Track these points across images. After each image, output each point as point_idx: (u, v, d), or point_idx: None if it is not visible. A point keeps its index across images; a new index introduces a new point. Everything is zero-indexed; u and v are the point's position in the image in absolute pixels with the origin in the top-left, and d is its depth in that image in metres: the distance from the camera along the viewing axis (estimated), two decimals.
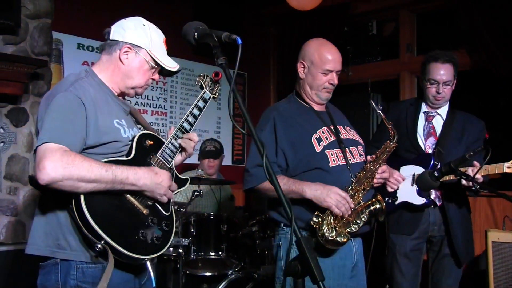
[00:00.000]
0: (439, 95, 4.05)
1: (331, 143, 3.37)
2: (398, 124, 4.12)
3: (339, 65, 3.46)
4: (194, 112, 2.92)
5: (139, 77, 2.78)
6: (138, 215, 2.61)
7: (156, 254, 2.64)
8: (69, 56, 5.97)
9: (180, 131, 2.87)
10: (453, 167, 3.55)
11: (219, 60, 2.27)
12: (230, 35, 2.26)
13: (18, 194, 5.12)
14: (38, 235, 2.57)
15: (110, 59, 2.77)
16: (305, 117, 3.46)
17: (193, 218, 5.04)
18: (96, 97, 2.62)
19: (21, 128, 5.14)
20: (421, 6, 6.77)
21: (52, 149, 2.36)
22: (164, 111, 6.90)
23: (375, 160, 3.35)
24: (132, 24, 2.77)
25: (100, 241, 2.41)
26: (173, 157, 2.85)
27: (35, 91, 5.22)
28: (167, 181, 2.68)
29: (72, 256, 2.52)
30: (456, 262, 4.09)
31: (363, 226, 3.29)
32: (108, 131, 2.61)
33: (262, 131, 3.39)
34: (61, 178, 2.32)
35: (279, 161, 3.36)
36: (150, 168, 2.65)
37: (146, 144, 2.75)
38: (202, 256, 5.03)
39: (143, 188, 2.58)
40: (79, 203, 2.40)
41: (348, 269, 3.36)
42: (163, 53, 2.83)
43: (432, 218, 4.09)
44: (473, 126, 4.17)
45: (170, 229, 2.76)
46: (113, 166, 2.47)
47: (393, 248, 4.18)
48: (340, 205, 3.14)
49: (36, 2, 5.19)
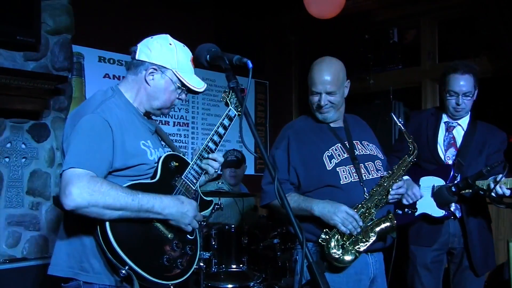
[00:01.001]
0: (459, 106, 4.01)
1: (344, 160, 3.35)
2: (419, 134, 4.10)
3: (328, 85, 3.33)
4: (219, 131, 2.87)
5: (164, 98, 2.75)
6: (163, 240, 2.60)
7: (180, 280, 2.62)
8: (91, 69, 6.02)
9: (205, 151, 2.83)
10: (470, 182, 3.52)
11: (230, 83, 2.28)
12: (242, 59, 2.27)
13: (41, 209, 5.17)
14: (61, 256, 2.58)
15: (135, 79, 2.74)
16: (319, 134, 3.46)
17: (214, 231, 5.05)
18: (123, 118, 2.61)
19: (42, 143, 5.18)
20: (442, 14, 6.72)
21: (79, 174, 2.35)
22: (186, 122, 6.94)
23: (391, 176, 3.33)
24: (159, 44, 2.72)
25: (124, 266, 2.40)
26: (198, 178, 2.82)
27: (56, 106, 5.27)
28: (193, 211, 2.66)
29: (95, 279, 2.51)
30: (475, 273, 4.05)
31: (378, 243, 3.27)
32: (135, 154, 2.59)
33: (277, 150, 3.44)
34: (87, 205, 2.31)
35: (291, 179, 3.38)
36: (176, 197, 2.64)
37: (171, 165, 2.73)
38: (224, 269, 5.04)
39: (168, 217, 2.57)
40: (105, 228, 2.39)
41: (364, 284, 3.34)
42: (191, 72, 2.79)
43: (452, 230, 4.05)
44: (495, 138, 4.12)
45: (194, 253, 2.74)
46: (140, 195, 2.45)
47: (413, 260, 4.15)
48: (346, 223, 3.13)
49: (57, 18, 5.25)
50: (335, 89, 3.35)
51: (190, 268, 2.69)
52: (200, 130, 7.04)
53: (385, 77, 7.14)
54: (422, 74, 6.85)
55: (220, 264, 5.04)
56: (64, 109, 5.29)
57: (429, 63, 6.79)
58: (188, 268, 2.68)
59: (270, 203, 3.39)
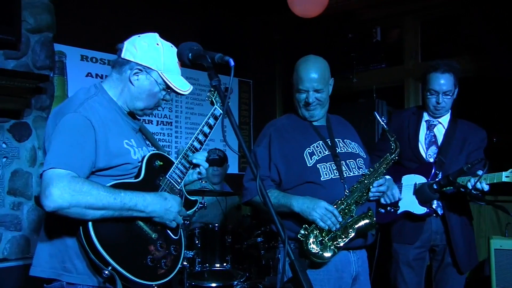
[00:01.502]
0: (439, 105, 4.05)
1: (325, 156, 3.37)
2: (400, 133, 4.13)
3: (315, 83, 3.38)
4: (204, 130, 2.86)
5: (148, 99, 2.71)
6: (147, 240, 2.57)
7: (164, 280, 2.59)
8: (73, 68, 5.96)
9: (190, 151, 2.82)
10: (451, 180, 3.55)
11: (213, 81, 2.27)
12: (223, 57, 2.26)
13: (22, 209, 5.11)
14: (43, 257, 2.54)
15: (120, 78, 2.69)
16: (301, 132, 3.48)
17: (197, 230, 5.05)
18: (106, 117, 2.57)
19: (24, 143, 5.13)
20: (425, 13, 6.77)
21: (59, 175, 2.31)
22: (170, 120, 6.92)
23: (372, 173, 3.36)
24: (145, 43, 2.67)
25: (107, 267, 2.37)
26: (183, 177, 2.79)
27: (38, 105, 5.22)
28: (177, 207, 2.63)
29: (78, 280, 2.48)
30: (458, 271, 4.08)
31: (358, 239, 3.29)
32: (118, 153, 2.56)
33: (258, 147, 3.46)
34: (68, 205, 2.28)
35: (272, 176, 3.40)
36: (159, 194, 2.61)
37: (156, 165, 2.71)
38: (208, 268, 5.03)
39: (152, 214, 2.54)
40: (87, 228, 2.36)
41: (346, 281, 3.35)
42: (177, 73, 2.75)
43: (435, 227, 4.09)
44: (475, 135, 4.15)
45: (179, 253, 2.72)
46: (122, 193, 2.43)
47: (396, 257, 4.19)
48: (325, 218, 3.14)
49: (37, 16, 5.19)
50: (322, 87, 3.39)
51: (174, 268, 2.67)
52: (183, 129, 7.02)
53: (369, 76, 7.18)
54: (405, 73, 6.90)
55: (204, 263, 5.03)
56: (46, 108, 5.24)
57: (412, 62, 6.83)
58: (172, 269, 2.65)
59: (251, 200, 3.41)
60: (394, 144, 3.44)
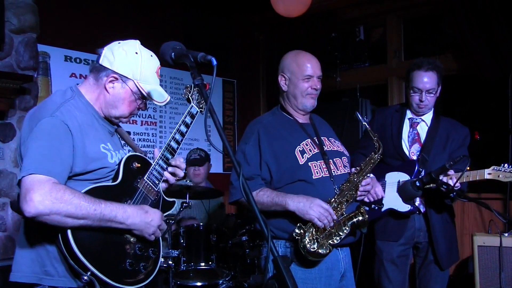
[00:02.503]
0: (422, 103, 4.07)
1: (315, 155, 3.40)
2: (384, 131, 4.17)
3: (318, 70, 3.51)
4: (181, 129, 2.80)
5: (123, 108, 2.69)
6: (125, 243, 2.56)
7: (144, 283, 2.59)
8: (57, 69, 5.97)
9: (167, 151, 2.77)
10: (434, 177, 3.58)
11: (195, 80, 2.29)
12: (206, 56, 2.28)
13: (7, 209, 5.10)
14: (23, 262, 2.52)
15: (96, 84, 2.67)
16: (289, 129, 3.50)
17: (182, 229, 5.05)
18: (83, 121, 2.56)
19: (8, 143, 5.13)
20: (408, 12, 6.80)
21: (40, 181, 2.29)
22: (154, 121, 6.91)
23: (359, 172, 3.40)
24: (124, 51, 2.64)
25: (86, 272, 2.36)
26: (161, 179, 2.77)
27: (22, 106, 5.22)
28: (157, 221, 2.61)
29: (60, 283, 2.47)
30: (440, 267, 4.12)
31: (348, 237, 3.32)
32: (95, 158, 2.54)
33: (246, 144, 3.45)
34: (49, 212, 2.25)
35: (263, 174, 3.41)
36: (140, 207, 2.59)
37: (133, 166, 2.69)
38: (193, 267, 5.04)
39: (131, 227, 2.51)
40: (66, 234, 2.34)
41: (335, 279, 3.39)
42: (155, 83, 2.73)
43: (418, 224, 4.12)
44: (457, 133, 4.18)
45: (157, 256, 2.71)
46: (102, 204, 2.40)
47: (380, 255, 4.21)
48: (322, 217, 3.16)
49: (21, 16, 5.19)
50: (321, 75, 3.53)
51: (153, 271, 2.66)
52: (168, 129, 7.01)
53: (352, 74, 7.20)
54: (389, 71, 6.92)
55: (189, 262, 5.04)
56: (29, 109, 5.16)
57: (395, 60, 6.86)
58: (152, 271, 2.65)
59: (240, 200, 3.40)
60: (377, 143, 3.49)
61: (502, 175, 3.81)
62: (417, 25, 6.89)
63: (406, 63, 6.38)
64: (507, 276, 4.08)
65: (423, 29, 6.78)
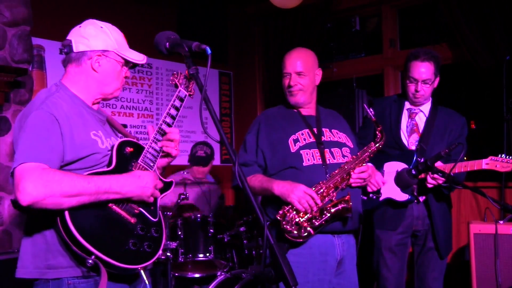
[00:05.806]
0: (418, 93, 4.09)
1: (309, 144, 3.51)
2: (382, 121, 4.16)
3: (297, 66, 3.58)
4: (171, 113, 2.87)
5: (114, 81, 2.76)
6: (126, 224, 2.57)
7: (148, 262, 2.61)
8: (52, 62, 5.93)
9: (159, 134, 2.81)
10: (429, 165, 3.59)
11: (190, 70, 2.30)
12: (200, 45, 2.29)
13: (3, 203, 5.09)
14: (26, 258, 2.54)
15: (80, 71, 2.70)
16: (289, 120, 3.64)
17: (180, 221, 5.05)
18: (70, 111, 2.58)
19: (3, 137, 5.10)
20: (403, 1, 6.79)
21: (30, 168, 2.31)
22: (150, 113, 6.91)
23: (354, 160, 3.44)
24: (92, 29, 2.73)
25: (90, 256, 2.38)
26: (155, 161, 2.79)
27: (17, 99, 5.19)
28: (152, 181, 2.64)
29: (63, 274, 2.49)
30: (439, 255, 4.16)
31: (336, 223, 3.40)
32: (85, 144, 2.56)
33: (248, 134, 3.67)
34: (43, 196, 2.27)
35: (259, 161, 3.58)
36: (131, 173, 2.61)
37: (126, 151, 2.71)
38: (191, 258, 5.04)
39: (128, 194, 2.54)
40: (65, 220, 2.36)
41: (330, 265, 3.44)
42: (127, 47, 2.82)
43: (416, 213, 4.14)
44: (455, 123, 4.21)
45: (160, 235, 2.72)
46: (95, 177, 2.43)
47: (378, 243, 4.25)
48: (303, 201, 3.26)
49: (14, 9, 5.15)
50: (303, 70, 3.57)
51: (157, 250, 2.67)
52: None
53: (348, 65, 7.19)
54: (384, 61, 6.92)
55: (187, 254, 5.03)
56: (25, 102, 5.20)
57: (391, 50, 6.86)
58: (155, 251, 2.66)
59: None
60: (379, 133, 3.54)
61: (500, 165, 3.85)
62: (412, 14, 6.88)
63: (402, 53, 6.39)
64: (503, 263, 4.10)
65: (418, 19, 6.78)
